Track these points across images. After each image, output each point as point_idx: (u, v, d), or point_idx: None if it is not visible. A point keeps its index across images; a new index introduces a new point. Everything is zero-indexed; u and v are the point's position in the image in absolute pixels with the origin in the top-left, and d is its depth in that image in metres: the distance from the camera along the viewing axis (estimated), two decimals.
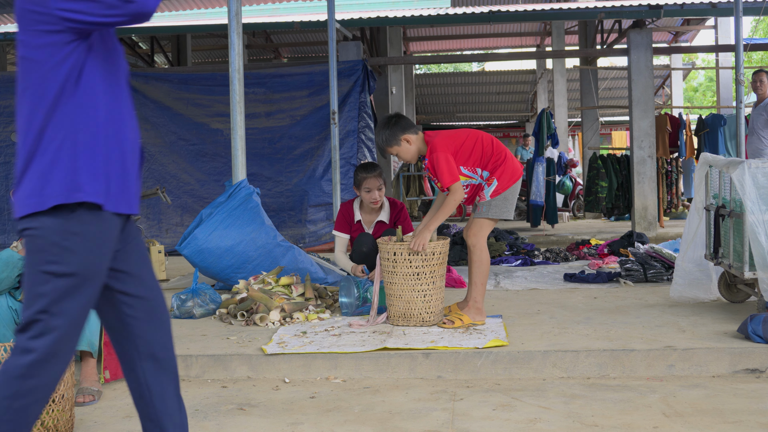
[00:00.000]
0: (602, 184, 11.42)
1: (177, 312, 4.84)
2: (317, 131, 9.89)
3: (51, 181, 2.02)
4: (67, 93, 2.03)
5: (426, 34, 17.89)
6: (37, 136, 2.04)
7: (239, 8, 5.68)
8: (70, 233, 2.03)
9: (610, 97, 21.04)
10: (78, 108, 2.04)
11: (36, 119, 2.03)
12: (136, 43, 13.69)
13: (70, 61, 2.03)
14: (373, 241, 5.10)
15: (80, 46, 2.04)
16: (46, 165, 2.03)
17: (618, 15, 10.91)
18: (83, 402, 3.40)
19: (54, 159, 2.03)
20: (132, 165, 2.17)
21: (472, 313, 4.34)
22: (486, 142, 4.43)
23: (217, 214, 5.53)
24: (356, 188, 5.19)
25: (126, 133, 2.16)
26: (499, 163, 4.38)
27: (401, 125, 4.43)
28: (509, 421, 3.05)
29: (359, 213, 5.25)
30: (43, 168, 2.03)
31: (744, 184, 4.20)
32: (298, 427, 3.05)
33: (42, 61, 2.02)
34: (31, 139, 2.04)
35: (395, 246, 4.31)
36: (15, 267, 3.63)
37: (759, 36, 26.02)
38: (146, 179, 9.99)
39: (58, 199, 2.01)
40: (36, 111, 2.03)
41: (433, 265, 4.31)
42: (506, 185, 4.36)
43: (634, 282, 5.83)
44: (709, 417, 3.05)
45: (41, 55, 2.02)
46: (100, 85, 2.08)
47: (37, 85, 2.03)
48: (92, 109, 2.06)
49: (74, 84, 2.04)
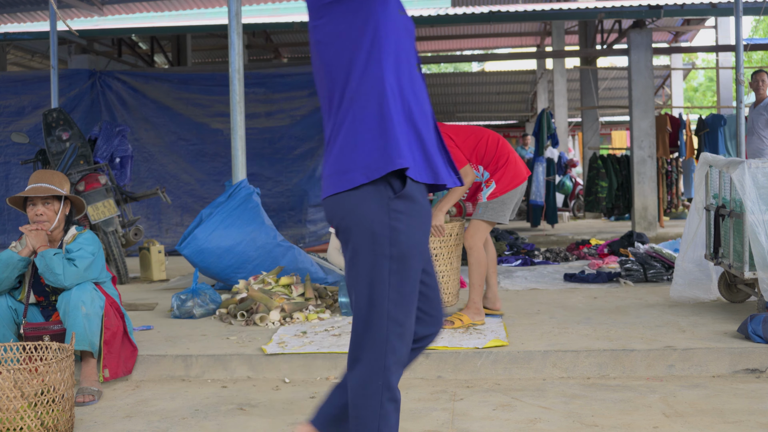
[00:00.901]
0: (602, 184, 11.42)
1: (177, 312, 4.84)
2: (317, 131, 9.89)
3: (363, 155, 2.00)
4: (361, 66, 2.03)
5: (426, 34, 17.89)
6: (338, 112, 2.05)
7: (239, 8, 5.68)
8: (394, 211, 2.00)
9: (610, 97, 21.03)
10: (375, 80, 2.03)
11: (336, 94, 2.05)
12: (136, 43, 13.68)
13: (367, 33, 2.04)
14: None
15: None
16: (354, 139, 2.02)
17: (618, 15, 10.90)
18: (83, 402, 3.40)
19: (364, 132, 2.02)
20: (428, 135, 2.11)
21: (471, 313, 4.34)
22: (491, 141, 4.43)
23: (217, 214, 5.53)
24: None
25: (421, 103, 2.12)
26: (500, 165, 4.38)
27: None
28: (509, 421, 3.05)
29: None
30: (354, 142, 2.02)
31: (744, 184, 4.20)
32: (298, 427, 3.05)
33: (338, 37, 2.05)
34: (335, 116, 2.05)
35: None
36: (15, 267, 3.63)
37: (759, 36, 26.02)
38: (146, 179, 9.99)
39: (380, 171, 1.98)
40: (335, 85, 2.06)
41: (450, 246, 4.52)
42: (505, 189, 4.35)
43: (634, 282, 5.83)
44: (709, 417, 3.05)
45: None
46: (392, 56, 2.06)
47: (332, 62, 2.05)
48: (386, 80, 2.04)
49: (368, 57, 2.04)
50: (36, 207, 3.68)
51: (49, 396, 2.88)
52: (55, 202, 3.71)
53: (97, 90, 10.24)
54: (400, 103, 2.04)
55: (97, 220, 6.45)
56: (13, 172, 9.96)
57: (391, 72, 2.03)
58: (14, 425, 2.83)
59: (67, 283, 3.55)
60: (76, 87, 10.15)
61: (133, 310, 5.17)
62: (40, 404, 2.87)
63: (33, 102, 10.10)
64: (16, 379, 2.83)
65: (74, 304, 3.51)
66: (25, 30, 11.15)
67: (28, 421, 2.84)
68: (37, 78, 10.40)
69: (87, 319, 3.51)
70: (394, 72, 2.04)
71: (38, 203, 3.68)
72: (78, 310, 3.50)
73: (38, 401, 2.87)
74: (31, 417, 2.85)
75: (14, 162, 9.79)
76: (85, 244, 3.66)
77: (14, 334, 3.68)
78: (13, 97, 10.19)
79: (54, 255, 3.56)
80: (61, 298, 3.56)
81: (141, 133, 10.10)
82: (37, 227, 3.65)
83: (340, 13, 2.04)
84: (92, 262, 3.64)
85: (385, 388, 2.03)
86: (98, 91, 10.23)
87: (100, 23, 11.52)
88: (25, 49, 14.84)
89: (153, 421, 3.18)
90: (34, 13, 10.18)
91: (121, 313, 3.77)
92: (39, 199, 3.68)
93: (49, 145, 6.75)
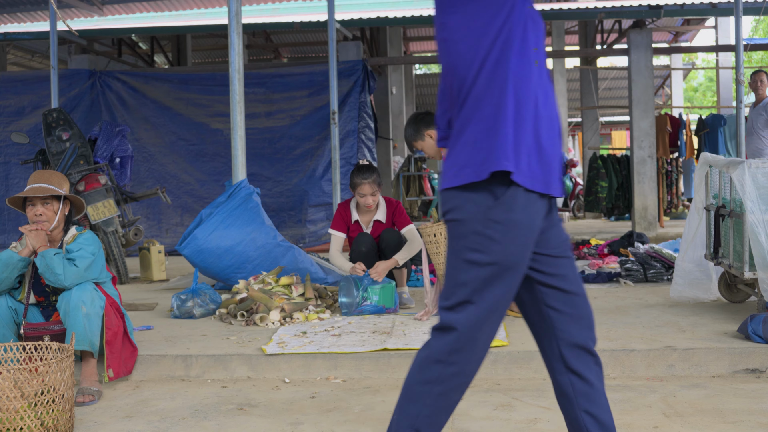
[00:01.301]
0: (602, 184, 11.42)
1: (177, 312, 4.84)
2: (317, 131, 9.89)
3: (482, 152, 2.00)
4: (489, 66, 2.02)
5: (426, 34, 17.88)
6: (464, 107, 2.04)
7: (239, 8, 5.68)
8: (491, 220, 1.99)
9: (610, 97, 21.04)
10: (501, 80, 2.02)
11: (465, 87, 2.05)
12: (136, 43, 13.68)
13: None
14: (372, 241, 5.11)
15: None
16: (473, 137, 2.02)
17: (618, 15, 10.90)
18: (83, 402, 3.40)
19: (482, 131, 2.01)
20: (549, 140, 2.08)
21: None
22: None
23: (217, 214, 5.53)
24: (351, 189, 5.20)
25: (548, 106, 2.10)
26: None
27: (426, 121, 4.58)
28: (509, 421, 3.05)
29: (356, 213, 5.25)
30: (473, 140, 2.02)
31: (744, 184, 4.20)
32: (298, 427, 3.05)
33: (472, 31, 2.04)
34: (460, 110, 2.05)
35: (434, 228, 4.53)
36: (15, 267, 3.63)
37: (759, 36, 26.01)
38: (146, 179, 9.99)
39: (482, 173, 1.98)
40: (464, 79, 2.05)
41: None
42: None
43: (634, 282, 5.83)
44: (709, 417, 3.05)
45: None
46: (520, 55, 2.04)
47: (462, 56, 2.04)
48: (511, 81, 2.02)
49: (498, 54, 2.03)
50: (35, 207, 3.68)
51: (49, 396, 2.88)
52: (54, 202, 3.71)
53: (97, 90, 10.24)
54: (523, 106, 2.01)
55: (97, 220, 6.45)
56: (13, 172, 9.96)
57: (518, 73, 2.01)
58: (14, 425, 2.83)
59: (68, 283, 3.55)
60: (76, 87, 10.15)
61: (133, 310, 5.17)
62: (40, 404, 2.87)
63: (33, 102, 10.10)
64: (16, 379, 2.83)
65: (74, 304, 3.51)
66: (25, 30, 11.15)
67: (28, 421, 2.84)
68: (37, 78, 10.40)
69: (87, 319, 3.51)
70: (522, 73, 2.02)
71: (37, 203, 3.68)
72: (78, 310, 3.50)
73: (38, 401, 2.87)
74: (31, 417, 2.85)
75: (14, 162, 9.79)
76: (85, 244, 3.66)
77: (14, 334, 3.68)
78: (13, 97, 10.19)
79: (54, 255, 3.56)
80: (62, 298, 3.56)
81: (141, 133, 10.10)
82: (36, 227, 3.65)
83: (472, 10, 2.02)
84: (92, 262, 3.64)
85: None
86: (98, 91, 10.23)
87: (100, 23, 11.52)
88: (25, 49, 14.84)
89: (153, 421, 3.18)
90: (34, 13, 10.18)
91: (122, 313, 3.77)
92: (38, 199, 3.68)
93: (49, 145, 6.75)
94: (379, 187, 5.13)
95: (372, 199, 5.10)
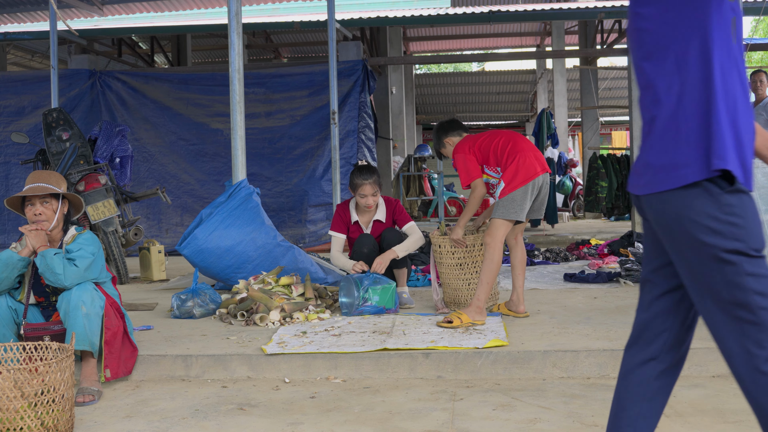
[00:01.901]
0: (602, 184, 11.42)
1: (177, 312, 4.84)
2: (317, 131, 9.89)
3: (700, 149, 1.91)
4: (692, 59, 1.95)
5: (426, 34, 17.89)
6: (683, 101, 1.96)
7: (239, 8, 5.68)
8: (725, 204, 1.89)
9: (610, 97, 21.04)
10: (704, 74, 1.94)
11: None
12: (136, 43, 13.68)
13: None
14: (373, 242, 5.12)
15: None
16: (684, 135, 1.94)
17: (618, 15, 10.91)
18: (83, 402, 3.40)
19: (689, 129, 1.94)
20: (747, 137, 1.99)
21: (472, 312, 4.33)
22: (502, 141, 4.51)
23: (217, 214, 5.53)
24: (351, 190, 5.20)
25: (745, 100, 2.01)
26: (508, 164, 4.44)
27: (444, 129, 4.81)
28: (509, 421, 3.05)
29: (355, 214, 5.25)
30: (685, 137, 1.94)
31: None
32: (298, 427, 3.05)
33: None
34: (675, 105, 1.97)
35: (439, 239, 4.78)
36: (15, 267, 3.63)
37: (759, 36, 26.02)
38: (146, 179, 10.00)
39: (705, 172, 1.89)
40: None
41: (475, 256, 4.73)
42: (512, 186, 4.38)
43: (634, 282, 5.83)
44: (709, 417, 3.05)
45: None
46: (722, 50, 1.96)
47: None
48: (716, 75, 1.94)
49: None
50: (35, 207, 3.68)
51: (49, 396, 2.88)
52: (53, 201, 3.71)
53: (97, 90, 10.24)
54: (728, 100, 1.94)
55: (97, 220, 6.45)
56: (13, 172, 9.97)
57: (721, 67, 1.94)
58: (14, 425, 2.83)
59: (68, 283, 3.55)
60: (76, 87, 10.16)
61: (133, 310, 5.17)
62: (40, 404, 2.87)
63: (33, 102, 10.11)
64: (16, 379, 2.83)
65: (74, 304, 3.51)
66: (25, 30, 11.16)
67: (28, 421, 2.84)
68: (37, 78, 10.41)
69: (87, 319, 3.51)
70: (725, 67, 1.95)
71: (36, 203, 3.68)
72: (78, 310, 3.50)
73: (38, 401, 2.87)
74: (31, 417, 2.85)
75: (14, 162, 9.80)
76: (84, 244, 3.66)
77: (14, 335, 3.68)
78: (13, 97, 10.20)
79: (54, 255, 3.56)
80: (62, 298, 3.57)
81: (141, 133, 10.10)
82: (36, 227, 3.65)
83: (672, 2, 1.96)
84: (92, 262, 3.64)
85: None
86: (98, 91, 10.24)
87: (100, 23, 11.53)
88: (25, 49, 14.85)
89: (153, 421, 3.18)
90: (34, 13, 10.18)
91: (121, 313, 3.77)
92: (37, 199, 3.68)
93: (49, 145, 6.75)
94: (379, 188, 5.14)
95: (372, 199, 5.11)
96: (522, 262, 4.66)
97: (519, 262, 4.65)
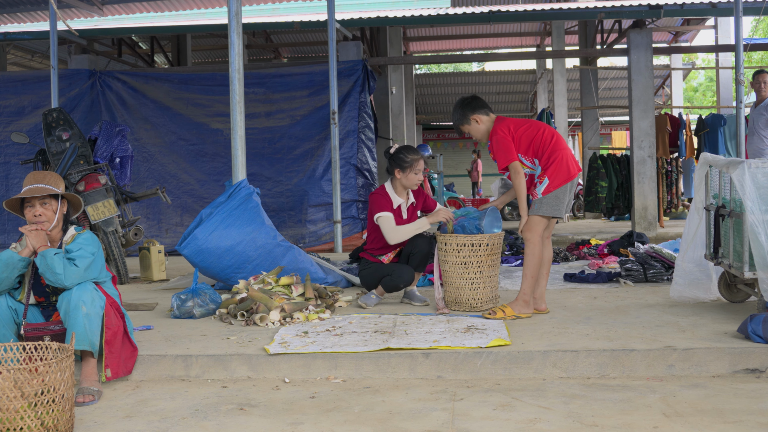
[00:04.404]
0: (602, 184, 11.42)
1: (177, 312, 4.84)
2: (317, 131, 9.89)
3: None
4: None
5: (426, 34, 17.89)
6: None
7: (239, 8, 5.68)
8: None
9: (610, 97, 21.04)
10: None
11: None
12: (136, 43, 13.68)
13: None
14: (411, 276, 5.04)
15: None
16: None
17: (618, 15, 10.91)
18: (83, 402, 3.40)
19: None
20: None
21: (518, 305, 4.48)
22: (546, 135, 4.53)
23: (217, 214, 5.53)
24: (399, 171, 5.13)
25: None
26: (551, 160, 4.47)
27: (472, 106, 4.68)
28: (509, 421, 3.05)
29: (396, 198, 5.21)
30: None
31: (744, 184, 4.20)
32: (298, 427, 3.05)
33: None
34: None
35: (445, 237, 4.72)
36: (15, 267, 3.63)
37: (759, 36, 26.01)
38: (146, 179, 10.00)
39: None
40: None
41: (480, 255, 4.66)
42: (557, 184, 4.44)
43: (634, 282, 5.83)
44: (709, 417, 3.05)
45: None
46: None
47: None
48: None
49: None
50: (34, 208, 3.68)
51: (49, 396, 2.88)
52: (52, 202, 3.71)
53: (97, 90, 10.24)
54: None
55: (97, 220, 6.45)
56: (13, 172, 9.97)
57: None
58: (14, 425, 2.83)
59: (68, 282, 3.55)
60: (76, 87, 10.16)
61: (133, 310, 5.17)
62: (40, 404, 2.87)
63: (33, 102, 10.11)
64: (16, 379, 2.83)
65: (75, 304, 3.51)
66: (25, 30, 11.16)
67: (28, 421, 2.84)
68: (37, 78, 10.41)
69: (87, 319, 3.51)
70: None
71: (36, 204, 3.68)
72: (78, 310, 3.50)
73: (38, 401, 2.87)
74: (31, 417, 2.85)
75: (14, 162, 9.80)
76: (84, 244, 3.66)
77: (14, 334, 3.68)
78: (13, 97, 10.20)
79: (54, 255, 3.56)
80: (62, 298, 3.57)
81: (141, 133, 10.10)
82: (36, 227, 3.65)
83: None
84: (92, 261, 3.64)
85: None
86: (98, 91, 10.24)
87: (100, 23, 11.53)
88: (25, 49, 14.85)
89: (153, 421, 3.18)
90: (34, 13, 10.19)
91: (122, 313, 3.77)
92: (36, 199, 3.68)
93: (49, 145, 6.75)
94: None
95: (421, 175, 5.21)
96: (548, 261, 4.70)
97: (546, 261, 4.68)
